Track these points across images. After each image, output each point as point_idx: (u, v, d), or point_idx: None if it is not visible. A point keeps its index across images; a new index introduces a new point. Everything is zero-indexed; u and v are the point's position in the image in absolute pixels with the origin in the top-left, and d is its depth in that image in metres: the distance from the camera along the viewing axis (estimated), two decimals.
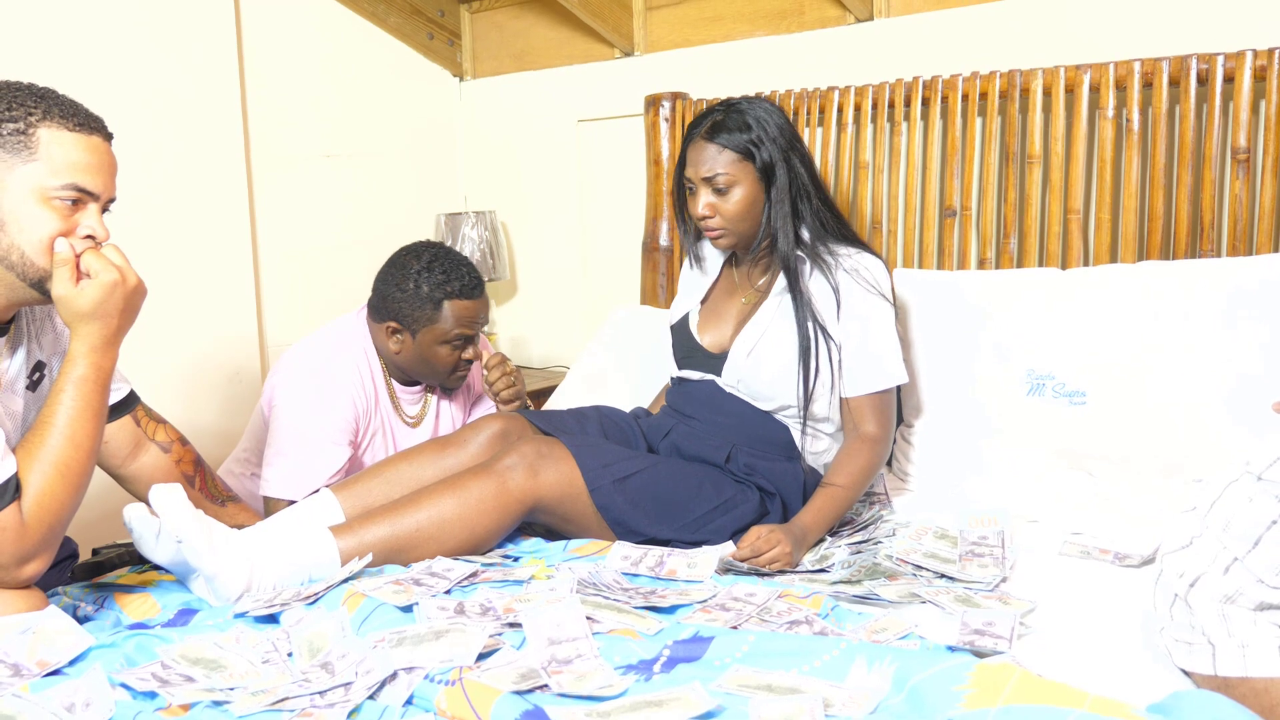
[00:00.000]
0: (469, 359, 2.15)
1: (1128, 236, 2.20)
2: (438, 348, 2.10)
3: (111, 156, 1.47)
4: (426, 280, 2.08)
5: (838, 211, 2.07)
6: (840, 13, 2.67)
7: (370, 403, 2.12)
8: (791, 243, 1.98)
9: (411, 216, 3.34)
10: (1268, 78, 2.01)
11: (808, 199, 2.00)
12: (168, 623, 1.56)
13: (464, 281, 2.10)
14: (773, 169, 1.96)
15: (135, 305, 1.48)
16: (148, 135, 2.69)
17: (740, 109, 1.98)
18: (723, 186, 1.96)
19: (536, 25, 3.30)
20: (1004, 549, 1.76)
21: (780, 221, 1.97)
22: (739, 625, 1.46)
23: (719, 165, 1.96)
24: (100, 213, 1.46)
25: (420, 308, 2.08)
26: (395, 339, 2.12)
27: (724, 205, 1.97)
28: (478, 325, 2.14)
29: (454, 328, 2.09)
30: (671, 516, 1.88)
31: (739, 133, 1.95)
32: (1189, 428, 1.91)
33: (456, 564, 1.68)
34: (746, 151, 1.95)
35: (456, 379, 2.19)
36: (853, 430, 1.98)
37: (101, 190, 1.44)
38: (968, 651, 1.36)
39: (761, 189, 1.98)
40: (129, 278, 1.46)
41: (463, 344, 2.13)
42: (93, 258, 1.43)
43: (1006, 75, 2.29)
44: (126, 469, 1.76)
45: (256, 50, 2.96)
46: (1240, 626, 1.26)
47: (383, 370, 2.17)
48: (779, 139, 1.97)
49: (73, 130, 1.41)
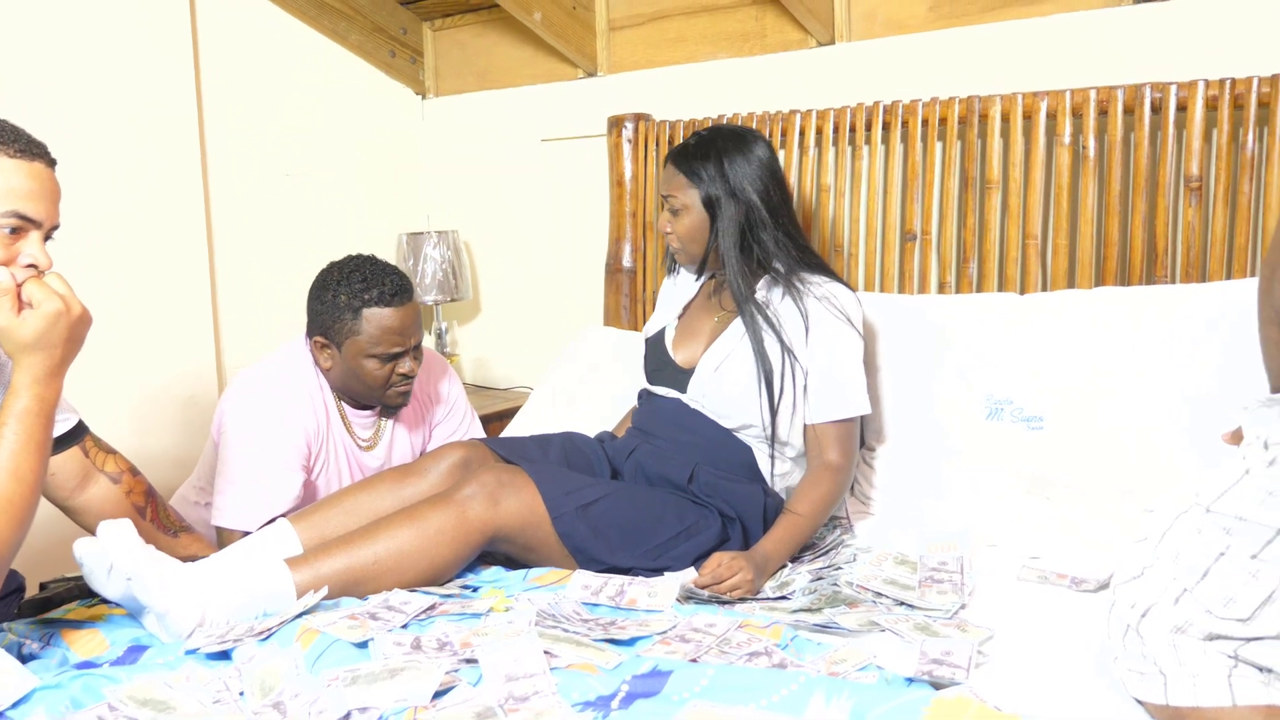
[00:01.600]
0: (404, 373, 2.08)
1: (1084, 262, 2.22)
2: (363, 360, 2.03)
3: (54, 183, 1.44)
4: (345, 289, 2.03)
5: (805, 245, 2.09)
6: (802, 36, 2.68)
7: (322, 426, 2.10)
8: (735, 273, 2.01)
9: (373, 236, 3.31)
10: (1219, 107, 2.03)
11: (761, 235, 2.02)
12: (116, 660, 1.53)
13: (383, 289, 2.02)
14: (716, 202, 2.02)
15: (80, 335, 1.45)
16: (100, 155, 2.66)
17: (710, 139, 2.04)
18: (676, 208, 2.06)
19: (500, 44, 3.30)
20: (963, 575, 1.77)
21: (727, 251, 2.02)
22: (698, 657, 1.45)
23: (672, 188, 2.06)
24: (43, 240, 1.42)
25: (340, 318, 2.02)
26: (325, 354, 2.08)
27: (677, 225, 2.07)
28: (406, 337, 2.05)
29: (377, 339, 2.02)
30: (634, 543, 1.88)
31: (695, 161, 2.03)
32: (1143, 452, 1.93)
33: (414, 597, 1.66)
34: (696, 179, 2.02)
35: (394, 395, 2.10)
36: (816, 457, 1.99)
37: (44, 217, 1.41)
38: (926, 683, 1.36)
39: (707, 217, 2.03)
40: (73, 307, 1.42)
41: (390, 358, 2.05)
42: (35, 287, 1.40)
43: (966, 101, 2.31)
44: (75, 501, 1.73)
45: (214, 68, 2.93)
46: (1191, 656, 1.27)
47: (334, 395, 2.14)
48: (733, 175, 2.01)
49: (13, 156, 1.38)
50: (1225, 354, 1.90)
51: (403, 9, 3.36)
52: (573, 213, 3.20)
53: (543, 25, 2.94)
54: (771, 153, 2.07)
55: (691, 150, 2.04)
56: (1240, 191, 2.04)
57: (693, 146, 2.05)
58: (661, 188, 2.09)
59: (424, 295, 3.21)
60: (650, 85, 2.94)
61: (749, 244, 2.03)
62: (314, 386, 2.10)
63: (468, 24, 3.36)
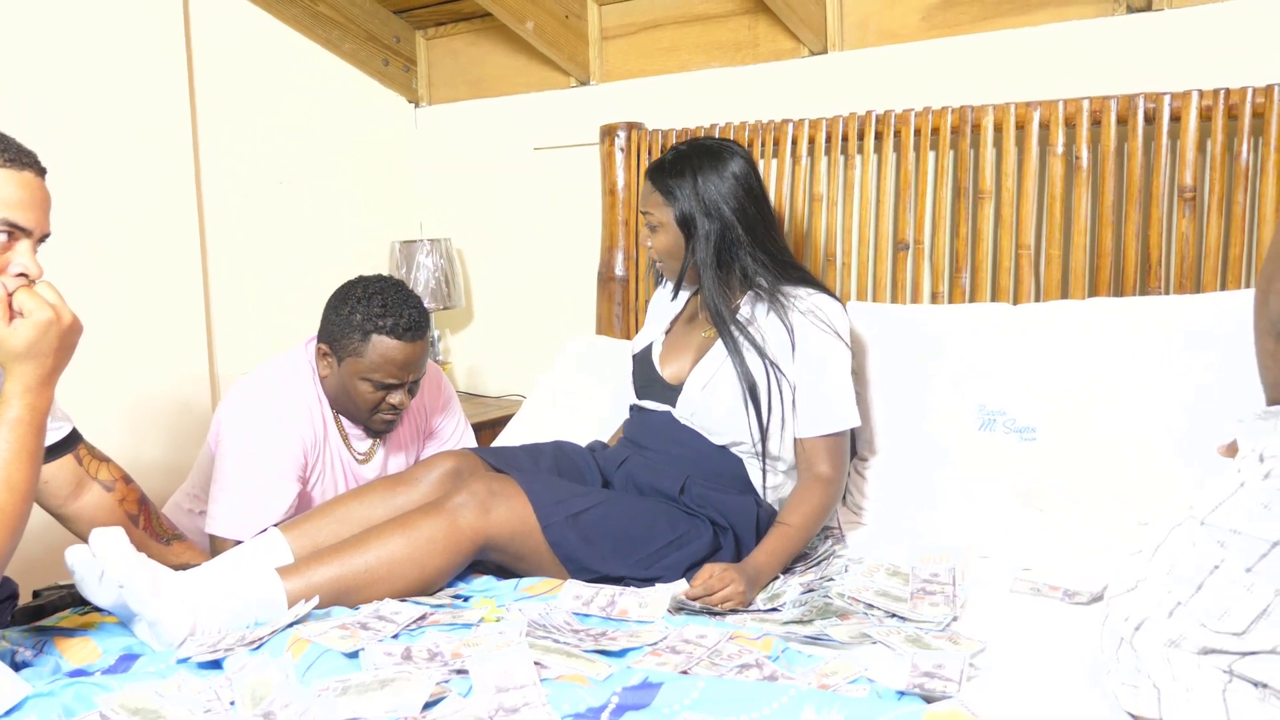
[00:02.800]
0: (394, 405, 2.06)
1: (1077, 273, 2.22)
2: (358, 381, 2.02)
3: (44, 192, 1.44)
4: (363, 309, 2.01)
5: (785, 260, 2.07)
6: (795, 45, 2.68)
7: (319, 437, 2.09)
8: (713, 292, 2.01)
9: (366, 244, 3.32)
10: (1214, 118, 2.04)
11: (741, 249, 2.01)
12: (108, 669, 1.53)
13: (399, 320, 2.00)
14: (691, 220, 2.01)
15: (71, 344, 1.45)
16: (94, 162, 2.65)
17: (686, 155, 2.04)
18: (653, 225, 2.07)
19: (493, 53, 3.30)
20: (955, 587, 1.77)
21: (704, 270, 2.02)
22: (689, 669, 1.45)
23: (649, 204, 2.06)
24: (33, 249, 1.42)
25: (349, 335, 2.01)
26: (324, 361, 2.07)
27: (655, 241, 2.08)
28: (406, 372, 2.03)
29: (377, 366, 2.00)
30: (625, 553, 1.87)
31: (670, 178, 2.03)
32: (1137, 463, 1.93)
33: (405, 606, 1.66)
34: (671, 198, 2.02)
35: (379, 422, 2.09)
36: (807, 470, 1.99)
37: (34, 226, 1.41)
38: (917, 696, 1.36)
39: (682, 236, 2.03)
40: (64, 316, 1.42)
41: (385, 387, 2.03)
42: (26, 296, 1.40)
43: (958, 111, 2.31)
44: (68, 509, 1.73)
45: (208, 76, 2.92)
46: (1185, 670, 1.27)
47: (330, 406, 2.14)
48: (707, 192, 2.00)
49: (3, 166, 1.38)
50: (1219, 365, 1.90)
51: (396, 18, 3.36)
52: (565, 221, 3.19)
53: (535, 34, 2.94)
54: (750, 167, 2.05)
55: (667, 167, 2.04)
56: (1235, 202, 2.05)
57: (669, 163, 2.05)
58: (640, 204, 2.09)
59: None
60: (643, 94, 2.95)
61: (727, 260, 2.02)
62: (312, 397, 2.10)
63: (461, 33, 3.36)
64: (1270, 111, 1.98)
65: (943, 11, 2.48)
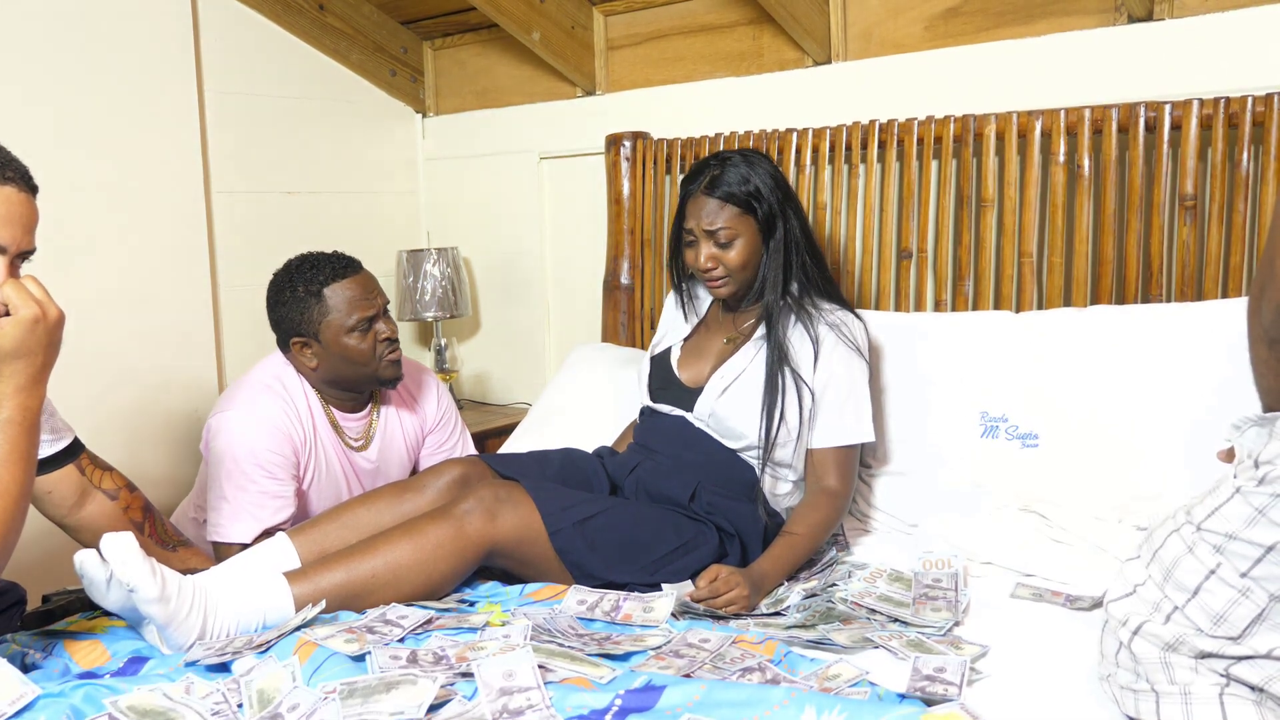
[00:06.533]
0: (386, 338, 2.11)
1: (1079, 281, 2.23)
2: (345, 340, 2.07)
3: (27, 207, 1.41)
4: (301, 283, 2.08)
5: (825, 267, 2.12)
6: (799, 55, 2.70)
7: (309, 434, 2.11)
8: (778, 293, 2.03)
9: (373, 253, 3.29)
10: (1214, 126, 2.05)
11: (799, 252, 2.05)
12: (117, 671, 1.54)
13: (333, 265, 2.10)
14: (774, 222, 2.03)
15: (58, 339, 1.42)
16: (103, 174, 2.68)
17: (735, 163, 2.03)
18: (725, 240, 2.02)
19: (499, 63, 3.32)
20: (957, 592, 1.78)
21: (771, 272, 2.03)
22: (692, 673, 1.46)
23: (720, 219, 2.01)
24: (8, 266, 1.39)
25: (308, 309, 2.07)
26: (307, 354, 2.11)
27: (726, 256, 2.03)
28: (372, 297, 2.11)
29: (348, 308, 2.07)
30: (631, 559, 1.88)
31: (739, 187, 2.01)
32: (1137, 470, 1.94)
33: (411, 611, 1.67)
34: (748, 205, 2.01)
35: (386, 366, 2.13)
36: (815, 483, 2.00)
37: (8, 243, 1.38)
38: (918, 699, 1.37)
39: (761, 241, 2.04)
40: (50, 311, 1.40)
41: (368, 324, 2.09)
42: (11, 290, 1.38)
43: (961, 120, 2.33)
44: (73, 518, 1.72)
45: (217, 86, 2.95)
46: (1183, 674, 1.28)
47: (319, 399, 2.16)
48: (776, 192, 2.02)
49: None
50: (1220, 373, 1.90)
51: (403, 28, 3.39)
52: (571, 230, 3.21)
53: (541, 45, 2.96)
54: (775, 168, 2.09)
55: (729, 178, 2.01)
56: (1235, 210, 2.05)
57: (723, 177, 2.01)
58: (702, 223, 2.02)
59: (423, 312, 3.23)
60: (648, 104, 2.96)
61: (790, 263, 2.05)
62: (297, 394, 2.12)
63: (467, 43, 3.38)
64: (1270, 120, 1.99)
65: (945, 22, 2.49)
